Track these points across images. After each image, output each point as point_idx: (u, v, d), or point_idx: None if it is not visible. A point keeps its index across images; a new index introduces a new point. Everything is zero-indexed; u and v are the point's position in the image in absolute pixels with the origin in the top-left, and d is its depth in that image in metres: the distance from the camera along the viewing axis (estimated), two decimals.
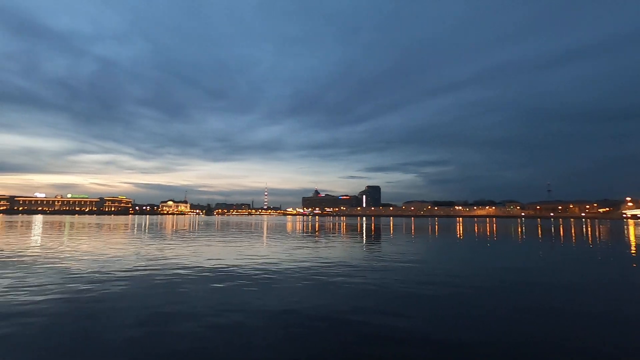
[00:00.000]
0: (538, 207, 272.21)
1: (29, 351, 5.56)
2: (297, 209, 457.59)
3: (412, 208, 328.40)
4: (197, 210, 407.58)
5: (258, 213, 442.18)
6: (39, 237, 28.80)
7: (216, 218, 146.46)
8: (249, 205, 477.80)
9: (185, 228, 49.08)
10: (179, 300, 8.77)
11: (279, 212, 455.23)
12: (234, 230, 45.07)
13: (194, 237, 30.80)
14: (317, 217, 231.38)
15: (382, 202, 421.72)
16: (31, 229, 41.21)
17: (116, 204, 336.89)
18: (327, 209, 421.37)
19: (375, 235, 35.72)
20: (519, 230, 50.67)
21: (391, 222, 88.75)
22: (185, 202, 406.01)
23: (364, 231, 44.23)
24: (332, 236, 33.81)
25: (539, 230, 49.16)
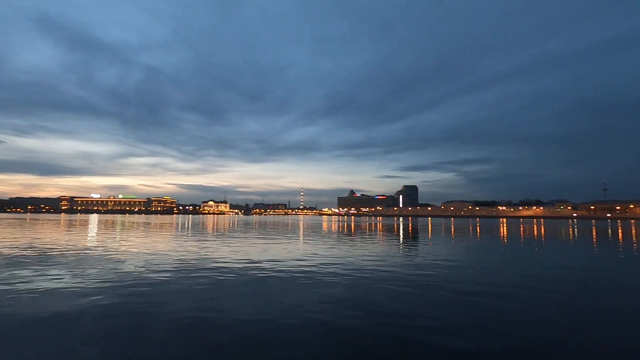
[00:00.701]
0: (592, 207, 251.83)
1: (90, 341, 6.10)
2: (333, 209, 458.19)
3: (452, 208, 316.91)
4: (236, 210, 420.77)
5: (294, 213, 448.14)
6: (95, 235, 31.25)
7: (254, 218, 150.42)
8: (285, 205, 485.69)
9: (225, 227, 50.92)
10: (223, 296, 9.18)
11: (315, 212, 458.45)
12: (271, 229, 46.08)
13: (234, 236, 31.92)
14: (352, 217, 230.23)
15: (420, 202, 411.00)
16: (88, 227, 44.76)
17: (162, 204, 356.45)
18: (363, 209, 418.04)
19: (413, 236, 34.98)
20: (572, 232, 47.29)
21: (429, 223, 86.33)
22: (225, 202, 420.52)
23: (401, 231, 43.43)
24: (368, 236, 33.57)
25: (594, 232, 45.59)
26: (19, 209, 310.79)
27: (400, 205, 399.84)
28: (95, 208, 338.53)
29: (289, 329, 6.72)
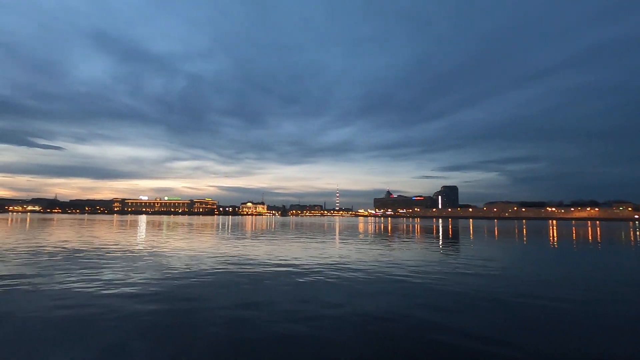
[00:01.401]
0: None
1: (141, 334, 6.52)
2: (369, 210, 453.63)
3: (495, 209, 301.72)
4: (273, 211, 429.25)
5: (330, 214, 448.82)
6: (144, 235, 33.29)
7: (291, 219, 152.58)
8: (321, 206, 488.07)
9: (263, 228, 52.16)
10: (262, 294, 9.43)
11: (351, 213, 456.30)
12: (307, 230, 46.53)
13: (272, 236, 32.63)
14: (389, 218, 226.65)
15: (460, 203, 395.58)
16: (138, 228, 47.77)
17: (204, 206, 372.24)
18: (400, 210, 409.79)
19: (453, 238, 33.76)
20: (635, 235, 43.27)
21: (471, 225, 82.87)
22: (263, 203, 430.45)
23: (440, 233, 42.08)
24: (405, 238, 32.89)
25: None
26: (77, 210, 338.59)
27: (439, 206, 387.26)
28: (144, 209, 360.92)
29: (326, 327, 6.78)
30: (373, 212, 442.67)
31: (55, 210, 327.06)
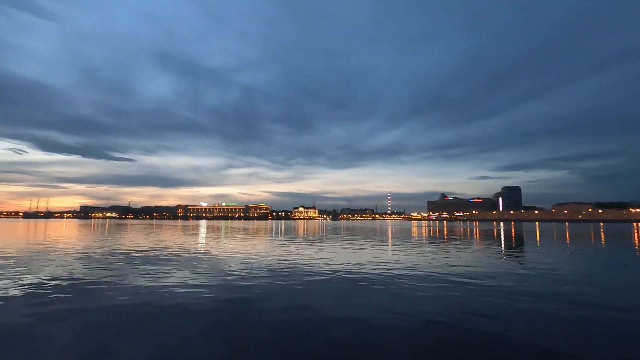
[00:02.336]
0: None
1: (200, 333, 6.92)
2: (423, 214, 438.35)
3: (566, 211, 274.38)
4: (324, 215, 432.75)
5: (382, 218, 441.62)
6: (204, 238, 35.45)
7: (342, 223, 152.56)
8: (372, 210, 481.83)
9: (315, 232, 52.79)
10: (313, 297, 9.53)
11: (403, 217, 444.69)
12: (359, 234, 46.17)
13: (323, 241, 32.90)
14: (444, 221, 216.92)
15: (524, 204, 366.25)
16: (199, 232, 51.00)
17: (258, 211, 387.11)
18: (456, 213, 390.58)
19: (516, 242, 31.30)
20: None
21: (537, 228, 76.28)
22: (314, 207, 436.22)
23: (502, 237, 39.24)
24: (463, 242, 31.18)
25: None
26: (147, 216, 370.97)
27: (500, 208, 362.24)
28: (204, 215, 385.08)
29: (378, 332, 6.65)
30: (427, 215, 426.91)
31: (129, 217, 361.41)
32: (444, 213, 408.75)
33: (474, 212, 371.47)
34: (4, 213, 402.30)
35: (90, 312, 7.98)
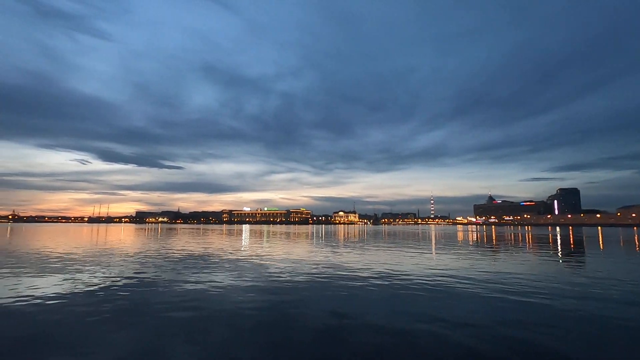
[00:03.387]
0: None
1: (242, 335, 7.16)
2: (468, 218, 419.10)
3: (634, 215, 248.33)
4: (365, 220, 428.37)
5: (424, 222, 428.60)
6: (248, 242, 36.58)
7: (383, 227, 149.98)
8: (414, 214, 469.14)
9: (355, 237, 52.45)
10: (355, 303, 9.47)
11: (448, 221, 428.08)
12: (401, 239, 45.17)
13: (364, 245, 32.60)
14: (492, 226, 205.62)
15: (583, 207, 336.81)
16: (242, 236, 52.73)
17: (299, 215, 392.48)
18: (506, 217, 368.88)
19: (575, 249, 28.85)
20: None
21: (600, 233, 69.82)
22: (354, 212, 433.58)
23: (558, 243, 36.37)
24: (513, 248, 29.33)
25: None
26: (195, 221, 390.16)
27: (555, 212, 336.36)
28: (247, 219, 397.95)
29: (422, 342, 6.47)
30: (473, 219, 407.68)
31: (179, 221, 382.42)
32: (492, 217, 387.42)
33: (525, 216, 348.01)
34: (72, 218, 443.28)
35: (145, 311, 8.55)
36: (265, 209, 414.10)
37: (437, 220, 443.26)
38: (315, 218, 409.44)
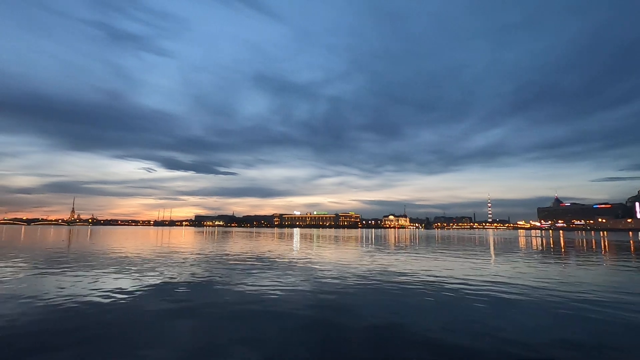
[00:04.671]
0: None
1: (293, 336, 7.27)
2: (532, 222, 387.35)
3: None
4: (416, 224, 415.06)
5: (481, 227, 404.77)
6: (298, 246, 37.26)
7: (436, 232, 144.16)
8: (470, 218, 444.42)
9: (407, 241, 51.01)
10: (406, 312, 9.17)
11: (508, 226, 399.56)
12: (456, 244, 43.03)
13: (416, 250, 31.56)
14: (560, 231, 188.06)
15: None
16: (293, 239, 53.83)
17: (348, 219, 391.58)
18: (576, 222, 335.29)
19: None
20: None
21: None
22: (405, 216, 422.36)
23: None
24: (587, 256, 26.45)
25: None
26: (248, 225, 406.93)
27: (638, 216, 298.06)
28: (297, 223, 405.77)
29: (480, 357, 6.07)
30: (537, 223, 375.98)
31: (233, 225, 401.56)
32: (560, 221, 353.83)
33: (599, 220, 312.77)
34: (140, 222, 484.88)
35: (203, 310, 9.04)
36: (315, 212, 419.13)
37: (495, 224, 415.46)
38: (364, 222, 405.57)
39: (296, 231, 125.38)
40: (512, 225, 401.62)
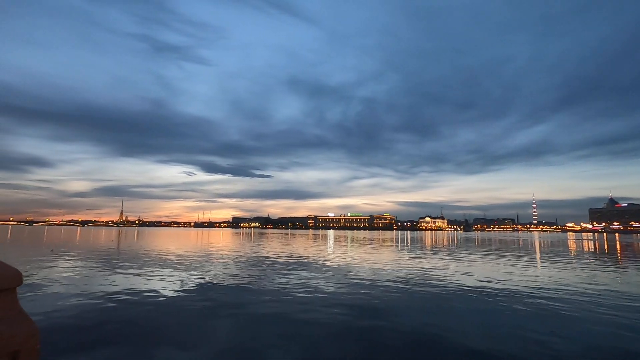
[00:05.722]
0: None
1: (329, 339, 7.27)
2: (582, 224, 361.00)
3: None
4: (454, 226, 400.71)
5: (525, 229, 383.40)
6: (333, 247, 37.28)
7: (475, 234, 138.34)
8: (513, 220, 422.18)
9: (445, 244, 49.41)
10: (447, 318, 8.89)
11: (555, 228, 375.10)
12: (498, 247, 41.04)
13: (455, 253, 30.46)
14: (616, 234, 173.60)
15: None
16: (327, 241, 53.95)
17: (382, 221, 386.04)
18: (634, 224, 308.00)
19: None
20: None
21: None
22: (442, 217, 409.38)
23: None
24: None
25: None
26: (283, 226, 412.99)
27: None
28: (331, 225, 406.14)
29: None
30: (589, 226, 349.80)
31: (269, 226, 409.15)
32: (615, 223, 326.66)
33: None
34: (181, 223, 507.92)
35: (240, 309, 9.28)
36: (349, 214, 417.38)
37: (541, 226, 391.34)
38: (399, 224, 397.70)
39: (330, 233, 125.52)
40: (560, 227, 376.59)
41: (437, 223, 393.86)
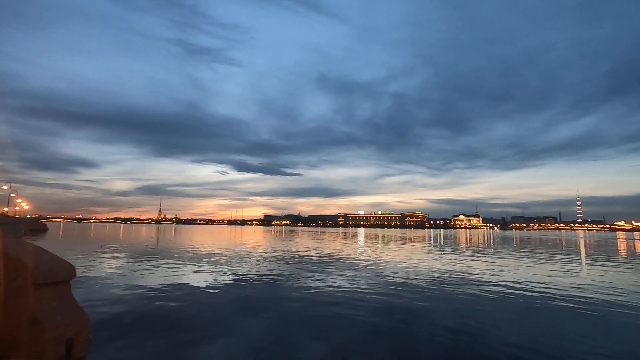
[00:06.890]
0: None
1: (360, 337, 7.29)
2: (634, 223, 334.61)
3: None
4: (491, 224, 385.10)
5: (569, 227, 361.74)
6: (364, 246, 37.12)
7: (513, 233, 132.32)
8: (555, 218, 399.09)
9: (480, 242, 47.72)
10: (483, 318, 8.64)
11: (603, 227, 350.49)
12: (538, 246, 39.09)
13: (492, 253, 29.38)
14: None
15: None
16: (358, 239, 53.74)
17: (414, 219, 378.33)
18: None
19: None
20: None
21: None
22: (477, 215, 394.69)
23: None
24: None
25: None
26: (313, 224, 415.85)
27: None
28: (361, 223, 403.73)
29: None
30: None
31: (299, 224, 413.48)
32: None
33: None
34: (215, 221, 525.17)
35: (272, 306, 9.53)
36: (379, 212, 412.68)
37: (586, 225, 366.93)
38: (431, 222, 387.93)
39: (361, 231, 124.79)
40: (608, 226, 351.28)
41: (471, 221, 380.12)
